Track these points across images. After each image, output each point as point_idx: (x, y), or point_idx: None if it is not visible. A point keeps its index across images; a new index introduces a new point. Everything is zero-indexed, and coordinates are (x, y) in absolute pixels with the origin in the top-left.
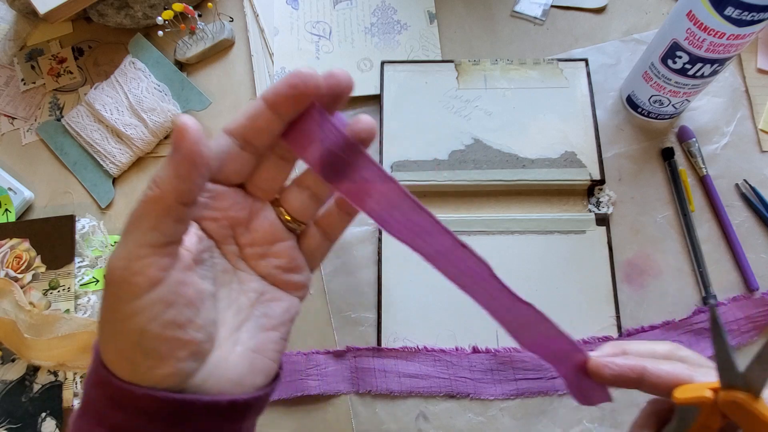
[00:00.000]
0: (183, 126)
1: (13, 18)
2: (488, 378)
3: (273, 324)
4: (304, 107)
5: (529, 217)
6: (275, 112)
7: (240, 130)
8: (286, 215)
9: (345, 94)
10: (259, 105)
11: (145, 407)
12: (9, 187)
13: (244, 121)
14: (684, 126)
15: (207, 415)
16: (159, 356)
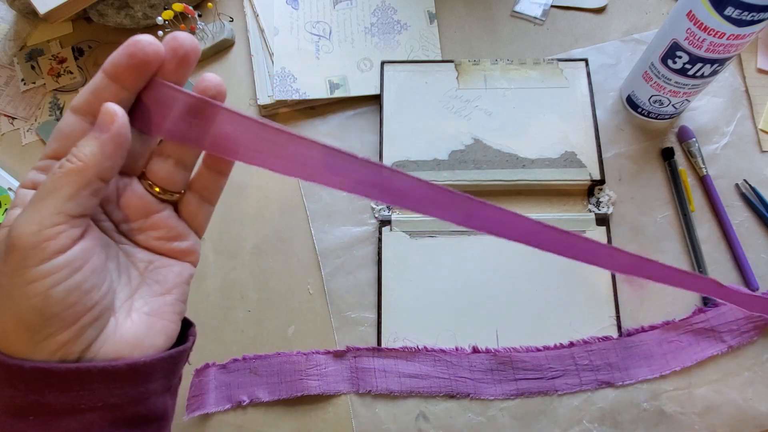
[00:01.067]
0: (113, 111)
1: (13, 18)
2: (488, 378)
3: (167, 288)
4: (148, 76)
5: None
6: (119, 84)
7: (86, 107)
8: (155, 187)
9: (191, 58)
10: (100, 78)
11: (38, 381)
12: (9, 187)
13: (88, 96)
14: (684, 126)
15: (106, 381)
16: (62, 323)
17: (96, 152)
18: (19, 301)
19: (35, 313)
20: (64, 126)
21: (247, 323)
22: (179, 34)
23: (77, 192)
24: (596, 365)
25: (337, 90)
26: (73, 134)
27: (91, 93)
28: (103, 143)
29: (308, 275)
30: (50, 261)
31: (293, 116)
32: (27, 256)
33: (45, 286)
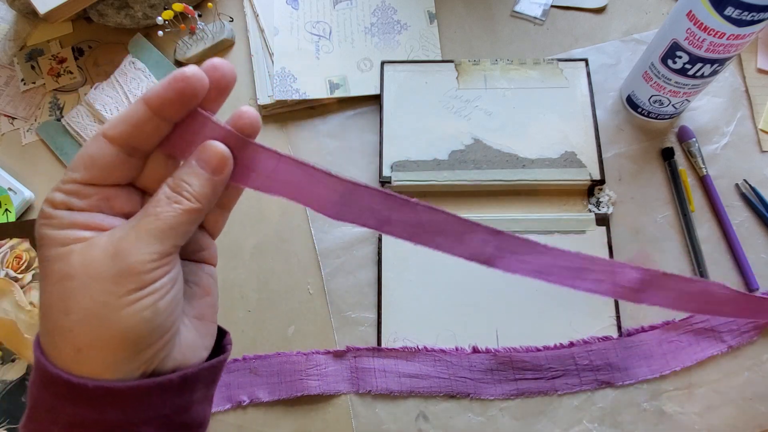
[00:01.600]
0: (227, 156)
1: (13, 18)
2: (488, 378)
3: (206, 290)
4: (192, 108)
5: (529, 217)
6: (161, 116)
7: (125, 139)
8: None
9: (230, 87)
10: (142, 110)
11: (101, 399)
12: (9, 187)
13: (128, 129)
14: (684, 126)
15: (161, 394)
16: (162, 333)
17: (209, 194)
18: (128, 316)
19: (145, 324)
20: (97, 155)
21: (247, 323)
22: (220, 63)
23: (191, 228)
24: (596, 365)
25: (337, 90)
26: (109, 165)
27: (131, 125)
28: (215, 185)
29: (308, 275)
30: (160, 281)
31: (293, 116)
32: (143, 279)
33: (154, 300)
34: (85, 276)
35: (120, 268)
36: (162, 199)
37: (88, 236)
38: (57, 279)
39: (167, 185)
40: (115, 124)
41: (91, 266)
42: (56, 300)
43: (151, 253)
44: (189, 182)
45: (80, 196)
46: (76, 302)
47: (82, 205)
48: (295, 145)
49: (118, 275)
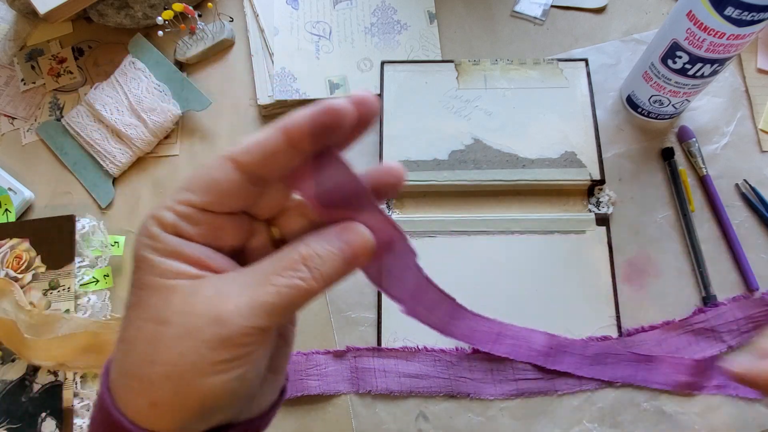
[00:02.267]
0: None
1: (13, 18)
2: (488, 378)
3: (287, 341)
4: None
5: (529, 217)
6: (297, 149)
7: (255, 168)
8: (277, 235)
9: (372, 121)
10: (278, 140)
11: None
12: (9, 187)
13: (261, 158)
14: (684, 126)
15: None
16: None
17: (336, 279)
18: (214, 384)
19: (229, 393)
20: (222, 180)
21: None
22: (369, 98)
23: (303, 306)
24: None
25: (337, 90)
26: (232, 192)
27: (265, 155)
28: (346, 272)
29: None
30: (255, 353)
31: None
32: (240, 352)
33: (244, 371)
34: (181, 327)
35: (221, 335)
36: (287, 267)
37: (193, 274)
38: (151, 317)
39: (299, 252)
40: (247, 150)
41: (191, 320)
42: (144, 342)
43: (257, 328)
44: (323, 259)
45: (192, 222)
46: (166, 354)
47: (193, 233)
48: None
49: (216, 341)
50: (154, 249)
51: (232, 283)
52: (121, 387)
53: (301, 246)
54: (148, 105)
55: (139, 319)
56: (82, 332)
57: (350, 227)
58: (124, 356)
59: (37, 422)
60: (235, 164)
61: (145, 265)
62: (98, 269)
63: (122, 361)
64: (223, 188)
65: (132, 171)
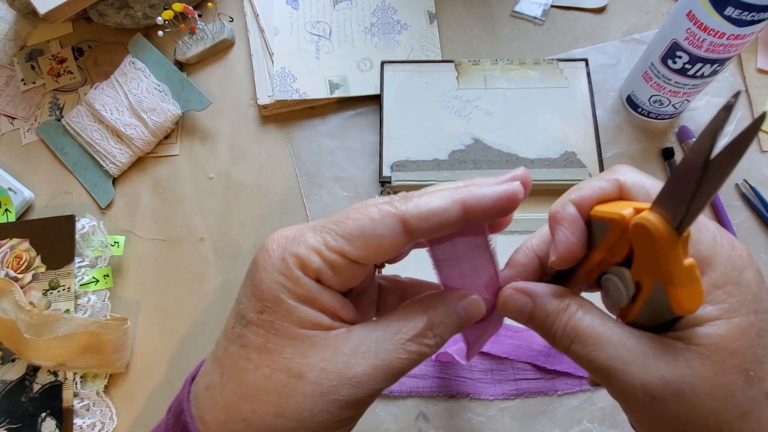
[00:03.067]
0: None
1: (13, 18)
2: (488, 378)
3: None
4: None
5: (529, 217)
6: (467, 219)
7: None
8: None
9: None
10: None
11: None
12: (9, 187)
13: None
14: (684, 126)
15: None
16: None
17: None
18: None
19: None
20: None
21: None
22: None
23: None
24: None
25: (337, 90)
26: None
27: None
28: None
29: None
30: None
31: (293, 116)
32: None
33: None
34: (317, 386)
35: (355, 396)
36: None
37: (327, 325)
38: (282, 367)
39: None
40: (423, 216)
41: (327, 378)
42: (273, 392)
43: (382, 388)
44: (447, 326)
45: (337, 272)
46: (296, 409)
47: (334, 282)
48: (295, 145)
49: (350, 402)
50: (293, 293)
51: (365, 341)
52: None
53: (430, 311)
54: (148, 105)
55: (267, 367)
56: (82, 332)
57: (470, 298)
58: (241, 401)
59: (37, 422)
60: (405, 227)
61: (281, 310)
62: (98, 269)
63: (238, 405)
64: (386, 249)
65: (132, 171)
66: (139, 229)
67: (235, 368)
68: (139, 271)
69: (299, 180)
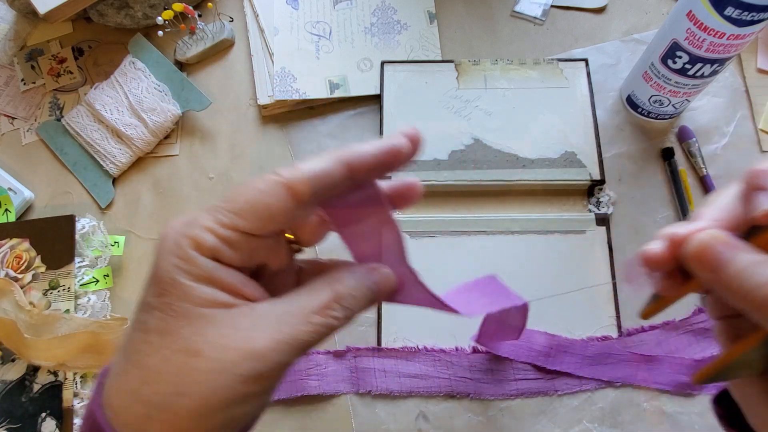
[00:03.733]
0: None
1: (13, 18)
2: (488, 378)
3: None
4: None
5: (529, 217)
6: (353, 177)
7: (312, 198)
8: (296, 246)
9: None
10: (342, 174)
11: None
12: (9, 187)
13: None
14: (684, 126)
15: None
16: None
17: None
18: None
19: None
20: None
21: None
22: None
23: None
24: None
25: (337, 90)
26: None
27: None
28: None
29: None
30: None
31: (293, 116)
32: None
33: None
34: (216, 362)
35: (257, 370)
36: (322, 306)
37: (228, 302)
38: (181, 348)
39: (335, 291)
40: (306, 179)
41: (226, 354)
42: (172, 373)
43: (287, 362)
44: (356, 299)
45: (234, 247)
46: (196, 387)
47: (233, 258)
48: (295, 145)
49: (251, 376)
50: (189, 273)
51: (267, 315)
52: (133, 415)
53: (335, 284)
54: (148, 105)
55: (166, 349)
56: (82, 332)
57: (380, 270)
58: (143, 384)
59: (37, 422)
60: (290, 192)
61: (178, 290)
62: (98, 269)
63: (140, 389)
64: (276, 216)
65: (132, 171)
66: (139, 229)
67: (137, 353)
68: (139, 271)
69: None
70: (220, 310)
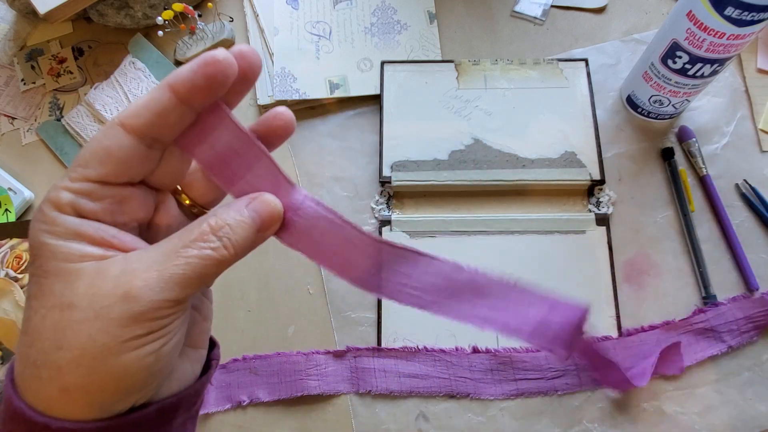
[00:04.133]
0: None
1: (13, 18)
2: (488, 378)
3: (204, 316)
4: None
5: (529, 217)
6: (187, 105)
7: (147, 129)
8: (187, 200)
9: (254, 79)
10: (167, 97)
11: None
12: (9, 187)
13: (152, 118)
14: (684, 126)
15: (137, 429)
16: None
17: (248, 247)
18: (128, 361)
19: (145, 370)
20: (114, 147)
21: (247, 323)
22: (248, 51)
23: (217, 276)
24: None
25: (337, 90)
26: (128, 159)
27: (154, 114)
28: (256, 241)
29: (308, 275)
30: (169, 326)
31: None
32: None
33: (159, 346)
34: (89, 310)
35: (132, 311)
36: (197, 239)
37: (98, 255)
38: (54, 304)
39: (208, 224)
40: (135, 112)
41: (98, 301)
42: (49, 329)
43: (169, 300)
44: (233, 229)
45: (93, 198)
46: (74, 338)
47: (95, 210)
48: (295, 145)
49: (127, 318)
50: (53, 233)
51: (139, 260)
52: (27, 378)
53: (210, 218)
54: None
55: (42, 308)
56: None
57: (258, 197)
58: (28, 347)
59: None
60: (125, 128)
61: (45, 252)
62: None
63: (27, 352)
64: (117, 156)
65: None
66: None
67: (24, 321)
68: None
69: (299, 180)
70: (90, 263)
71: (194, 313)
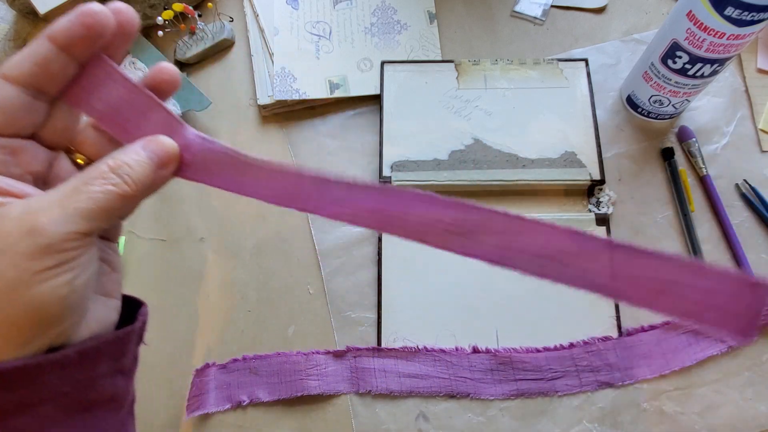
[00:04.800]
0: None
1: (13, 18)
2: (488, 378)
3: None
4: (96, 49)
5: (529, 217)
6: (69, 55)
7: (30, 79)
8: (80, 159)
9: (133, 34)
10: (48, 48)
11: None
12: None
13: (33, 68)
14: (684, 126)
15: (58, 371)
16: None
17: (149, 185)
18: (41, 293)
19: (60, 302)
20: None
21: (247, 323)
22: (123, 6)
23: (122, 214)
24: (596, 366)
25: (337, 90)
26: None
27: (35, 64)
28: (156, 179)
29: (308, 275)
30: (79, 259)
31: (293, 116)
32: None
33: (71, 277)
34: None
35: (38, 243)
36: (97, 177)
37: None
38: None
39: (106, 163)
40: (17, 63)
41: (3, 239)
42: None
43: (74, 232)
44: (132, 167)
45: None
46: None
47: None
48: (295, 145)
49: (34, 251)
50: None
51: (41, 200)
52: None
53: (108, 159)
54: None
55: None
56: None
57: (153, 139)
58: None
59: None
60: (8, 79)
61: None
62: None
63: None
64: (2, 106)
65: None
66: (139, 229)
67: None
68: (139, 271)
69: None
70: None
71: (103, 265)
